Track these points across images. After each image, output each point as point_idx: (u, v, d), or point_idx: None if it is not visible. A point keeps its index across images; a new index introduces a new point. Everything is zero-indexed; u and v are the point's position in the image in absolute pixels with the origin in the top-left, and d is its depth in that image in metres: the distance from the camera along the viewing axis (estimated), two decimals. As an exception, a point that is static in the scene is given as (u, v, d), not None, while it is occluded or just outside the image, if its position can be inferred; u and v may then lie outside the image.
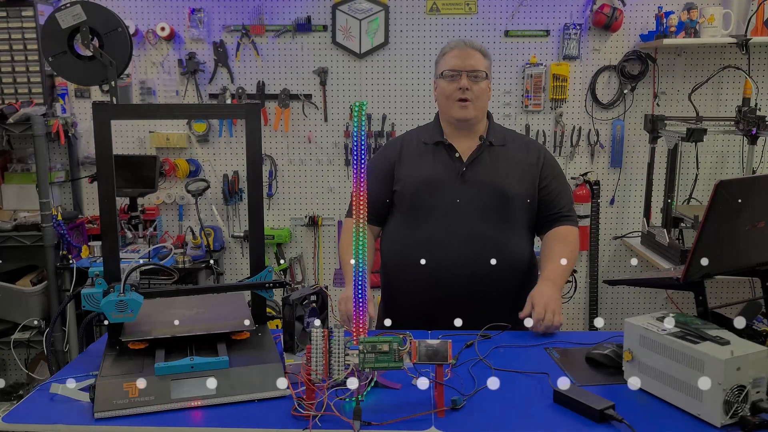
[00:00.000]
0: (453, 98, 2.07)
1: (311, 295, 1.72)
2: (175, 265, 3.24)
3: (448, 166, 2.09)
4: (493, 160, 2.09)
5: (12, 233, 3.22)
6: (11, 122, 3.13)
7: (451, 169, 2.08)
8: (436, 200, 2.06)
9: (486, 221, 2.04)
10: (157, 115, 2.76)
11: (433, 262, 2.01)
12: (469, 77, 2.05)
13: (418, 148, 2.14)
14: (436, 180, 2.07)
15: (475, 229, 2.03)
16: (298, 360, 1.60)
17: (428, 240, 2.04)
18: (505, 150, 2.11)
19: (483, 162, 2.09)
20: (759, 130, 3.00)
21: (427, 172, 2.08)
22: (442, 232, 2.04)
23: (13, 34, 3.28)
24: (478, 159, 2.09)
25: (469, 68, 2.05)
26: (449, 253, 2.02)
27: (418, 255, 2.03)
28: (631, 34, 3.46)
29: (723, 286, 3.60)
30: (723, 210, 1.45)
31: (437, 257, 2.02)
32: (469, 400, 1.45)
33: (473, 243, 2.02)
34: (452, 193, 2.05)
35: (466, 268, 2.01)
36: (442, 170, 2.08)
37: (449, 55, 2.09)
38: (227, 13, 3.48)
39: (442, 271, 2.02)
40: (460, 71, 2.05)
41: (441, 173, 2.08)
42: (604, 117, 3.55)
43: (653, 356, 1.45)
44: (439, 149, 2.12)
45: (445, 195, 2.05)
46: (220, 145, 3.59)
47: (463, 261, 2.01)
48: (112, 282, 1.54)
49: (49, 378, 1.57)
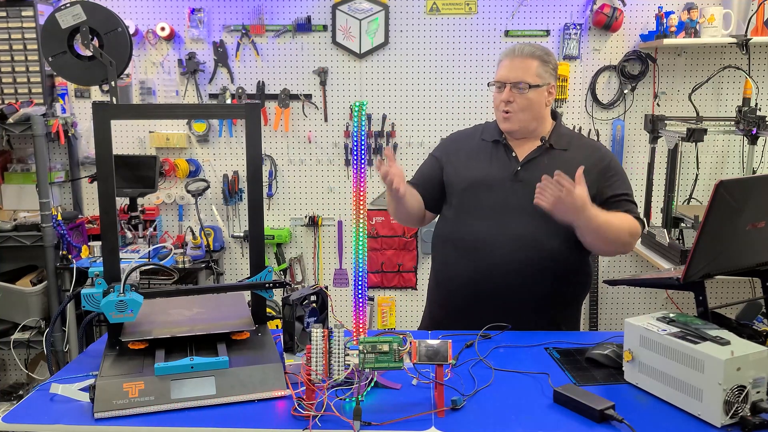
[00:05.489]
0: (499, 109, 2.07)
1: (311, 295, 1.72)
2: (175, 265, 3.23)
3: (503, 165, 2.07)
4: (552, 162, 2.02)
5: (12, 233, 3.22)
6: (11, 122, 3.13)
7: (506, 169, 2.06)
8: (488, 198, 2.04)
9: (535, 223, 1.98)
10: (157, 115, 2.76)
11: (478, 261, 2.01)
12: (512, 89, 2.03)
13: (478, 144, 2.15)
14: (489, 177, 2.06)
15: (522, 229, 1.99)
16: (298, 360, 1.59)
17: (476, 237, 2.03)
18: (566, 154, 2.06)
19: (540, 164, 2.04)
20: (759, 130, 3.00)
21: (482, 168, 2.08)
22: (490, 230, 2.02)
23: (13, 34, 3.28)
24: (535, 160, 2.05)
25: (513, 80, 2.03)
26: (495, 252, 2.00)
27: (465, 252, 2.03)
28: (632, 34, 3.46)
29: (723, 286, 3.60)
30: (723, 210, 1.46)
31: (483, 256, 2.00)
32: (469, 400, 1.45)
33: (520, 244, 1.99)
34: (504, 192, 2.04)
35: (510, 268, 1.98)
36: (497, 168, 2.07)
37: (501, 65, 2.08)
38: (227, 13, 3.48)
39: (487, 270, 2.00)
40: (504, 83, 2.05)
41: (495, 171, 2.07)
42: (604, 117, 3.55)
43: (653, 356, 1.45)
44: (497, 147, 2.11)
45: (496, 193, 2.04)
46: (220, 145, 3.59)
47: (508, 261, 1.99)
48: (112, 282, 1.54)
49: (49, 378, 1.57)
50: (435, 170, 2.18)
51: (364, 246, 1.48)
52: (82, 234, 3.43)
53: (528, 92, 2.02)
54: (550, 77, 2.06)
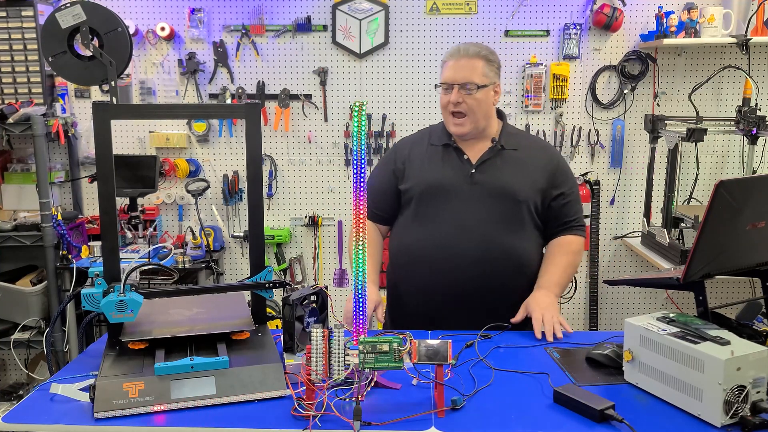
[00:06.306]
0: (447, 110, 2.06)
1: (311, 295, 1.72)
2: (175, 265, 3.23)
3: (456, 169, 2.07)
4: (504, 163, 2.07)
5: (12, 233, 3.22)
6: (11, 122, 3.13)
7: (460, 172, 2.07)
8: (445, 202, 2.05)
9: (494, 224, 2.02)
10: (157, 115, 2.76)
11: (439, 264, 2.01)
12: (461, 90, 2.02)
13: (428, 149, 2.13)
14: (444, 182, 2.06)
15: (482, 231, 2.02)
16: (298, 360, 1.60)
17: (435, 242, 2.03)
18: (517, 154, 2.09)
19: (493, 165, 2.06)
20: (759, 130, 3.00)
21: (435, 173, 2.08)
22: (449, 234, 2.03)
23: (13, 34, 3.28)
24: (488, 162, 2.07)
25: (461, 81, 2.02)
26: (456, 255, 2.01)
27: (425, 256, 2.03)
28: (632, 34, 3.46)
29: (723, 286, 3.60)
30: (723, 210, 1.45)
31: (443, 259, 2.01)
32: (469, 400, 1.45)
33: (480, 245, 2.01)
34: (460, 196, 2.04)
35: (472, 271, 2.00)
36: (451, 173, 2.07)
37: (445, 66, 2.07)
38: (227, 13, 3.48)
39: (449, 273, 2.01)
40: (451, 84, 2.03)
41: (450, 176, 2.07)
42: (604, 117, 3.55)
43: (653, 356, 1.45)
44: (448, 151, 2.11)
45: (454, 197, 2.05)
46: (220, 145, 3.59)
47: (469, 263, 2.00)
48: (112, 282, 1.54)
49: (49, 378, 1.57)
50: (390, 183, 2.16)
51: (364, 246, 1.48)
52: (82, 234, 3.43)
53: (476, 93, 2.02)
54: (495, 76, 2.07)
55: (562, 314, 2.11)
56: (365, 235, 1.48)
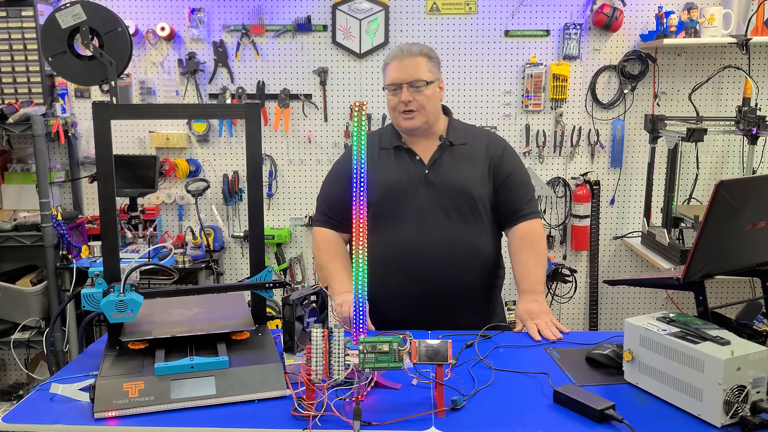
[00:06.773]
0: (398, 110, 2.07)
1: (311, 295, 1.72)
2: (175, 265, 3.23)
3: (410, 170, 2.08)
4: (455, 159, 2.09)
5: (12, 233, 3.22)
6: (11, 122, 3.13)
7: (414, 173, 2.08)
8: (402, 205, 2.06)
9: (453, 221, 2.04)
10: (157, 115, 2.76)
11: (405, 266, 2.03)
12: (410, 89, 2.04)
13: (379, 153, 2.13)
14: (400, 185, 2.07)
15: (443, 229, 2.04)
16: (298, 360, 1.59)
17: (398, 244, 2.04)
18: (466, 148, 2.11)
19: (445, 162, 2.08)
20: (759, 130, 3.00)
21: (391, 177, 2.08)
22: (410, 235, 2.04)
23: (13, 34, 3.28)
24: (439, 160, 2.09)
25: (409, 79, 2.03)
26: (420, 255, 2.03)
27: (392, 262, 2.03)
28: (632, 34, 3.46)
29: (723, 286, 3.60)
30: (723, 210, 1.45)
31: (408, 261, 2.03)
32: (469, 400, 1.45)
33: (442, 244, 2.03)
34: (418, 197, 2.06)
35: (437, 270, 2.02)
36: (405, 174, 2.08)
37: (389, 68, 2.09)
38: (227, 13, 3.48)
39: (414, 274, 2.03)
40: (400, 84, 2.05)
41: (404, 178, 2.07)
42: (604, 117, 3.55)
43: (653, 356, 1.45)
44: (399, 153, 2.12)
45: (411, 199, 2.06)
46: (220, 145, 3.59)
47: (433, 262, 2.02)
48: (112, 282, 1.54)
49: (49, 378, 1.57)
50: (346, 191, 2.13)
51: (364, 246, 1.48)
52: (82, 234, 3.43)
53: (425, 89, 2.05)
54: (439, 72, 2.11)
55: (563, 314, 2.11)
56: (365, 235, 1.48)
